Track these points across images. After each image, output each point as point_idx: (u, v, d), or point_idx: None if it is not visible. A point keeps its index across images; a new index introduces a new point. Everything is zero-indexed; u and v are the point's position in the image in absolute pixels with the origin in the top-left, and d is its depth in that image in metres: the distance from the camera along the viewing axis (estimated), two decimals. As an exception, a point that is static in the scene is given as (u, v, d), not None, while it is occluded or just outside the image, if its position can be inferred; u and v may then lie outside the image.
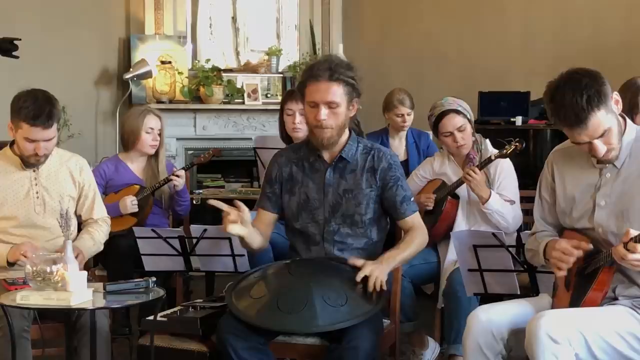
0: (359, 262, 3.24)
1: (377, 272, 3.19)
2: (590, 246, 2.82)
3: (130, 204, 4.58)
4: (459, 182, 4.17)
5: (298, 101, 4.16)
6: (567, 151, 2.99)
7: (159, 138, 4.77)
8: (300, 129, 4.28)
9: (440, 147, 4.50)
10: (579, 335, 2.67)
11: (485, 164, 4.12)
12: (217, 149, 5.04)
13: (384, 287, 3.22)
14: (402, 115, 5.27)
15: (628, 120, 2.89)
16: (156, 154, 4.80)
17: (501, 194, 4.11)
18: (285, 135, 4.42)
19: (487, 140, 4.33)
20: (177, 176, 4.64)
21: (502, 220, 4.03)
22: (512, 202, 4.10)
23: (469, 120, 4.24)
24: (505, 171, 4.19)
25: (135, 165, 4.80)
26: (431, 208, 4.22)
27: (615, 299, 2.84)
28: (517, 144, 4.04)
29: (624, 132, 2.84)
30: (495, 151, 4.23)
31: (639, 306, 2.80)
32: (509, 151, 4.07)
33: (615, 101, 2.79)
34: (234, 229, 3.29)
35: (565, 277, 2.93)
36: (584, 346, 2.68)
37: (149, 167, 4.79)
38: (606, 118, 2.73)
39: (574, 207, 2.94)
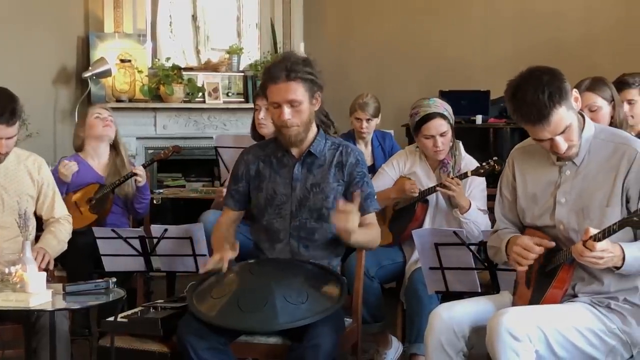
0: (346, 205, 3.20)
1: (355, 222, 3.17)
2: (552, 243, 2.84)
3: (63, 167, 4.53)
4: (432, 190, 4.14)
5: (264, 97, 4.16)
6: (527, 149, 3.02)
7: (111, 123, 4.72)
8: (264, 125, 4.31)
9: (414, 146, 4.46)
10: (538, 331, 2.70)
11: (461, 178, 4.10)
12: (177, 145, 5.00)
13: (344, 283, 3.24)
14: (360, 120, 5.21)
15: (586, 118, 2.92)
16: (116, 149, 4.76)
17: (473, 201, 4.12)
18: (256, 135, 4.43)
19: (460, 144, 4.32)
20: (136, 175, 4.60)
21: (476, 229, 4.02)
22: (485, 211, 4.11)
23: (451, 126, 4.20)
24: (476, 180, 4.18)
25: (97, 162, 4.75)
26: (416, 195, 4.18)
27: (575, 296, 2.87)
28: (495, 164, 4.02)
29: (582, 130, 2.87)
30: (467, 156, 4.25)
31: (598, 303, 2.83)
32: (485, 171, 4.06)
33: (574, 98, 2.81)
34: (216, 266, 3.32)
35: (526, 274, 2.96)
36: (544, 342, 2.71)
37: (111, 163, 4.74)
38: (567, 114, 2.76)
39: (534, 205, 2.97)
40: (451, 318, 2.92)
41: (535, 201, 2.97)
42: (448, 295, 3.55)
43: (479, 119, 6.72)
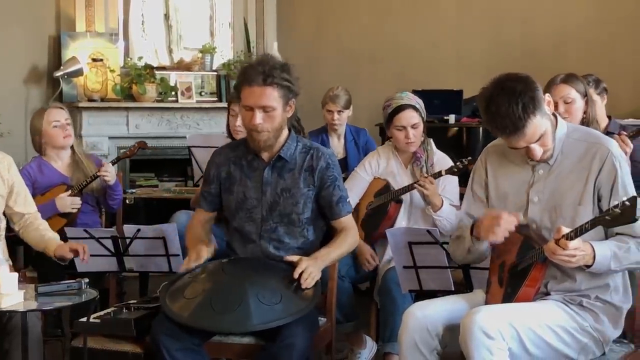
0: (294, 258, 3.24)
1: (311, 268, 3.19)
2: (521, 217, 2.86)
3: (70, 202, 4.49)
4: (406, 189, 4.17)
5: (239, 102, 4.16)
6: (500, 148, 3.03)
7: (69, 130, 4.68)
8: (240, 131, 4.30)
9: (388, 141, 4.49)
10: (511, 329, 2.71)
11: (435, 177, 4.13)
12: (142, 141, 4.94)
13: (318, 283, 3.23)
14: (332, 112, 5.28)
15: (559, 118, 2.94)
16: (73, 149, 4.72)
17: (446, 198, 4.15)
18: (231, 135, 4.43)
19: (431, 140, 4.36)
20: (104, 174, 4.55)
21: (449, 225, 4.06)
22: (457, 207, 4.14)
23: (423, 120, 4.25)
24: (448, 178, 4.22)
25: (60, 164, 4.71)
26: (370, 269, 4.24)
27: (548, 294, 2.90)
28: (469, 164, 4.05)
29: (555, 129, 2.89)
30: (439, 153, 4.28)
31: (570, 301, 2.86)
32: (459, 170, 4.09)
33: (547, 102, 2.83)
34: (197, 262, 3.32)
35: (499, 273, 2.97)
36: (517, 340, 2.73)
37: (74, 164, 4.70)
38: (541, 122, 2.78)
39: (507, 204, 2.98)
40: (425, 317, 2.92)
41: (507, 200, 2.98)
42: (422, 294, 3.57)
43: (451, 118, 6.73)
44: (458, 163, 4.09)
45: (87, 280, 3.30)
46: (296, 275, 3.14)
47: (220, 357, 3.42)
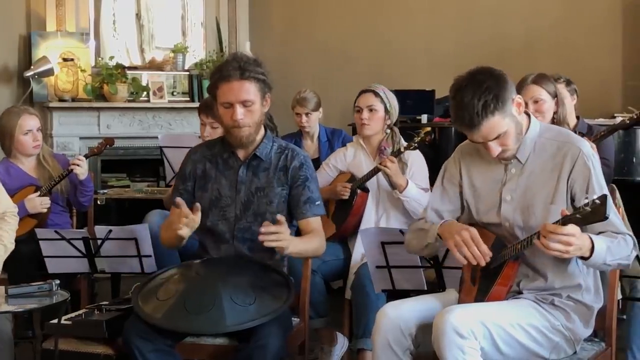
0: (282, 218, 3.14)
1: (285, 237, 3.12)
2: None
3: (40, 203, 4.45)
4: (370, 174, 4.21)
5: (208, 115, 4.17)
6: (474, 146, 3.03)
7: (39, 137, 4.65)
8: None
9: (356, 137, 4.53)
10: (483, 328, 2.72)
11: (395, 155, 4.17)
12: (109, 138, 4.91)
13: (292, 284, 3.24)
14: (300, 115, 5.27)
15: (532, 118, 2.96)
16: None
17: (414, 182, 4.17)
18: None
19: (401, 138, 4.38)
20: (77, 165, 4.51)
21: (419, 207, 4.07)
22: (426, 189, 4.17)
23: (387, 111, 4.29)
24: (416, 161, 4.27)
25: (27, 166, 4.67)
26: (347, 197, 4.24)
27: (520, 292, 2.91)
28: (425, 135, 4.10)
29: (527, 129, 2.91)
30: (417, 154, 4.30)
31: (542, 299, 2.87)
32: (416, 142, 4.13)
33: (517, 104, 2.84)
34: (184, 231, 3.23)
35: (471, 272, 2.98)
36: (489, 339, 2.73)
37: (40, 165, 4.67)
38: (501, 123, 2.79)
39: (480, 202, 3.00)
40: (398, 316, 2.92)
41: (481, 198, 3.00)
42: (395, 294, 3.57)
43: (424, 118, 6.76)
44: (415, 137, 4.14)
45: (58, 281, 3.27)
46: (263, 230, 3.07)
47: (193, 358, 3.41)
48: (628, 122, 4.28)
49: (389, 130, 4.34)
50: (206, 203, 3.44)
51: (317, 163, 5.08)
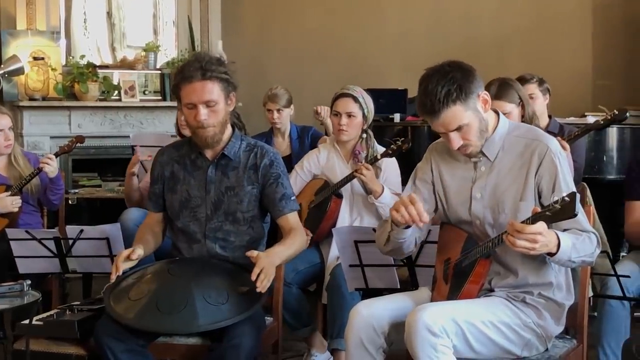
0: (254, 253, 3.16)
1: (268, 267, 3.11)
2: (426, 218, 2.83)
3: (11, 202, 4.41)
4: (345, 181, 4.20)
5: None
6: (445, 145, 3.04)
7: (11, 136, 4.61)
8: (186, 127, 4.26)
9: (329, 139, 4.52)
10: (456, 326, 2.73)
11: (372, 162, 4.17)
12: (80, 136, 4.89)
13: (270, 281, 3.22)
14: (272, 111, 5.26)
15: (501, 116, 2.98)
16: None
17: (388, 188, 4.17)
18: (181, 135, 4.40)
19: (375, 141, 4.38)
20: (47, 163, 4.48)
21: None
22: (399, 195, 4.17)
23: (364, 116, 4.28)
24: (390, 167, 4.27)
25: None
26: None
27: (492, 290, 2.92)
28: (403, 144, 4.09)
29: (496, 127, 2.93)
30: (382, 149, 4.29)
31: (513, 297, 2.89)
32: (394, 150, 4.13)
33: (483, 100, 2.85)
34: (126, 265, 3.23)
35: (444, 270, 3.00)
36: (461, 337, 2.74)
37: (11, 165, 4.63)
38: (463, 114, 2.80)
39: (451, 200, 3.01)
40: (371, 315, 2.93)
41: (451, 196, 3.01)
42: (368, 293, 3.58)
43: (397, 117, 6.77)
44: (392, 145, 4.13)
45: (29, 282, 3.25)
46: (254, 277, 3.07)
47: (165, 358, 3.40)
48: (602, 122, 4.30)
49: (364, 135, 4.33)
50: (176, 204, 3.43)
51: (289, 160, 5.08)
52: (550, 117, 4.67)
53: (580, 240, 2.74)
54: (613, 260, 3.63)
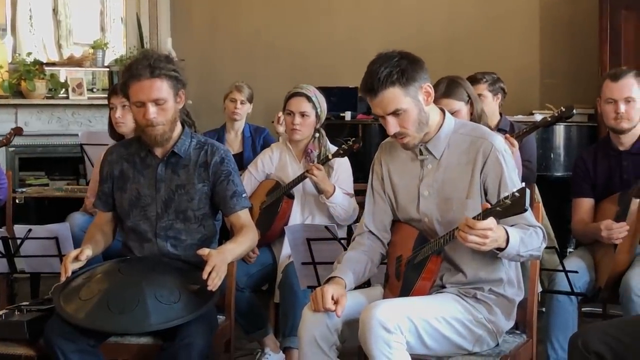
0: (205, 251, 3.13)
1: (219, 265, 3.09)
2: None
3: None
4: (296, 181, 4.20)
5: (119, 94, 4.06)
6: (393, 144, 3.07)
7: None
8: (122, 123, 4.23)
9: (281, 138, 4.53)
10: (409, 323, 2.74)
11: (323, 162, 4.17)
12: (18, 127, 4.83)
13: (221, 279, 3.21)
14: (235, 101, 5.28)
15: (447, 114, 3.01)
16: None
17: (340, 188, 4.18)
18: (115, 134, 4.33)
19: (327, 140, 4.39)
20: None
21: (344, 212, 4.13)
22: (350, 194, 4.19)
23: (317, 115, 4.28)
24: (342, 166, 4.27)
25: None
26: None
27: (443, 287, 2.95)
28: (354, 144, 4.10)
29: (442, 125, 2.96)
30: (334, 148, 4.30)
31: (465, 293, 2.92)
32: (345, 150, 4.14)
33: (425, 92, 2.88)
34: (74, 266, 3.19)
35: (396, 267, 3.01)
36: (414, 333, 2.76)
37: None
38: (401, 99, 2.84)
39: (400, 198, 3.03)
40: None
41: (400, 194, 3.04)
42: (320, 290, 3.57)
43: (348, 115, 6.80)
44: (343, 145, 4.14)
45: (-24, 282, 3.20)
46: (205, 275, 3.05)
47: (116, 358, 3.36)
48: (549, 119, 4.35)
49: (317, 134, 4.34)
50: (126, 203, 3.40)
51: (240, 158, 5.08)
52: (501, 115, 4.72)
53: (527, 235, 2.78)
54: (560, 256, 3.69)
